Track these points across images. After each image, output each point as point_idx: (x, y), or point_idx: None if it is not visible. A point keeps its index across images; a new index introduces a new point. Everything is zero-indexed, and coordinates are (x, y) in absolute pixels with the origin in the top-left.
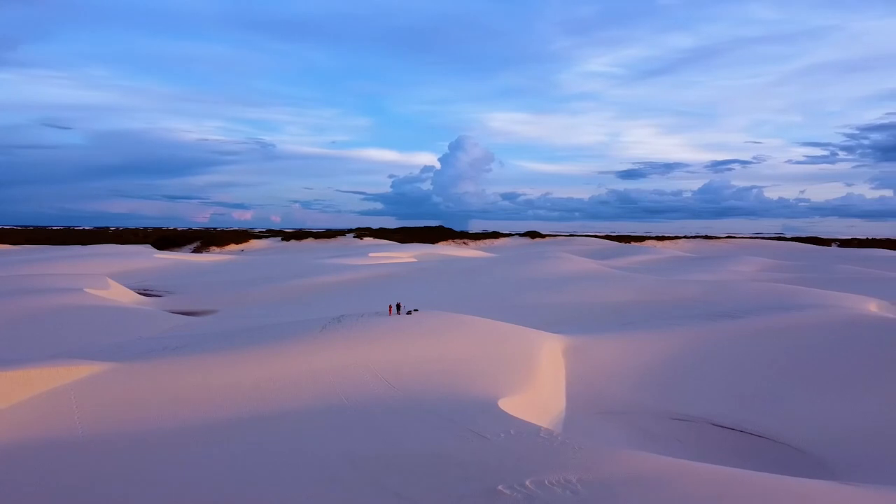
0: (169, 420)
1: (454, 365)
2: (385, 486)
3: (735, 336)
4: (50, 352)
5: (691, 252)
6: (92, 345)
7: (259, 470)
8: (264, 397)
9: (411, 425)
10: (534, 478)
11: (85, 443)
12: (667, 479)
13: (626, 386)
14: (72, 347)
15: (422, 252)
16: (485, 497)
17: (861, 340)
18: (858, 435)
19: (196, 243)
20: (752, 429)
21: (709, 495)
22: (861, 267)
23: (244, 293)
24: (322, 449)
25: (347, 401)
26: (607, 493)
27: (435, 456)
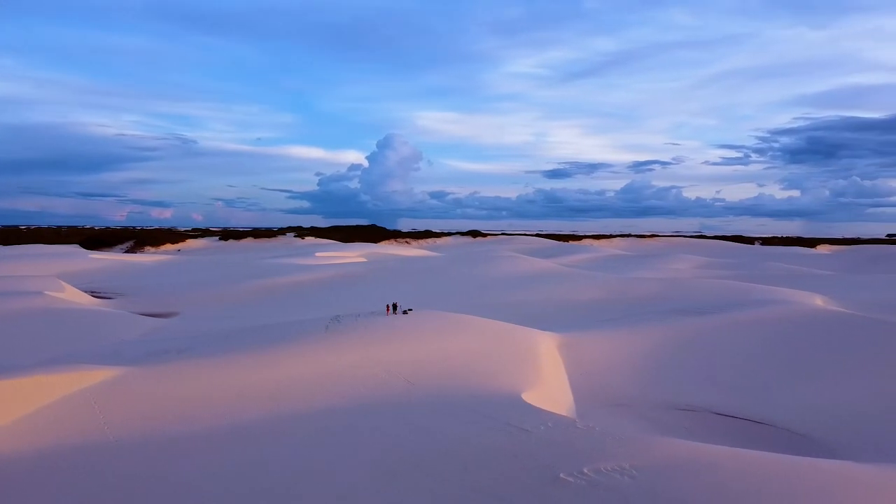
0: (200, 422)
1: (466, 362)
2: (448, 478)
3: (714, 330)
4: (35, 357)
5: (628, 250)
6: (81, 349)
7: (315, 466)
8: (290, 397)
9: (450, 421)
10: (590, 466)
11: (118, 447)
12: (713, 463)
13: (624, 379)
14: (57, 352)
15: (367, 251)
16: (550, 485)
17: (828, 333)
18: (850, 418)
19: (128, 243)
20: (752, 416)
21: (757, 476)
22: (786, 264)
23: (202, 294)
24: (371, 446)
25: (376, 399)
26: (662, 476)
27: (486, 449)
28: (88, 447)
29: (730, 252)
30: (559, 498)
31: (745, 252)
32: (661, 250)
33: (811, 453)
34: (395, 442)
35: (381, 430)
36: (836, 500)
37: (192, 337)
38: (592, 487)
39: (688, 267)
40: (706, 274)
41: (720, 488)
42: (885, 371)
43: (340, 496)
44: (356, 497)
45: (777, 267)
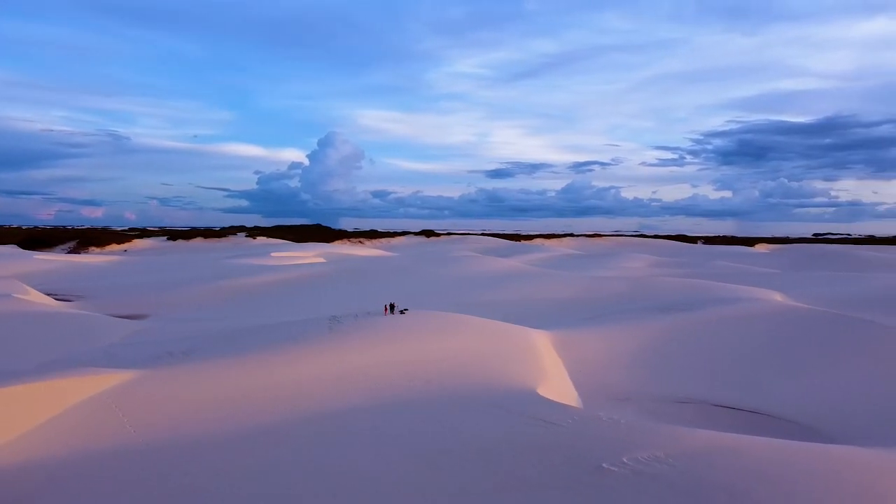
0: (224, 422)
1: (473, 360)
2: (495, 471)
3: (699, 326)
4: (33, 361)
5: (579, 250)
6: (73, 353)
7: (364, 458)
8: (309, 397)
9: (479, 418)
10: (628, 455)
11: (149, 449)
12: (738, 449)
13: (622, 374)
14: (52, 356)
15: (322, 252)
16: (596, 474)
17: (807, 328)
18: (837, 407)
19: (70, 243)
20: (748, 407)
21: (780, 461)
22: (732, 262)
23: (171, 295)
24: (408, 444)
25: (397, 398)
26: (696, 463)
27: (523, 443)
28: (121, 450)
29: (676, 251)
30: (608, 486)
31: (690, 251)
32: (612, 249)
33: (809, 440)
34: (430, 440)
35: (413, 428)
36: (850, 480)
37: (188, 339)
38: (636, 475)
39: (641, 265)
40: (661, 272)
41: (758, 473)
42: (864, 363)
43: (392, 492)
44: (410, 493)
45: (725, 265)
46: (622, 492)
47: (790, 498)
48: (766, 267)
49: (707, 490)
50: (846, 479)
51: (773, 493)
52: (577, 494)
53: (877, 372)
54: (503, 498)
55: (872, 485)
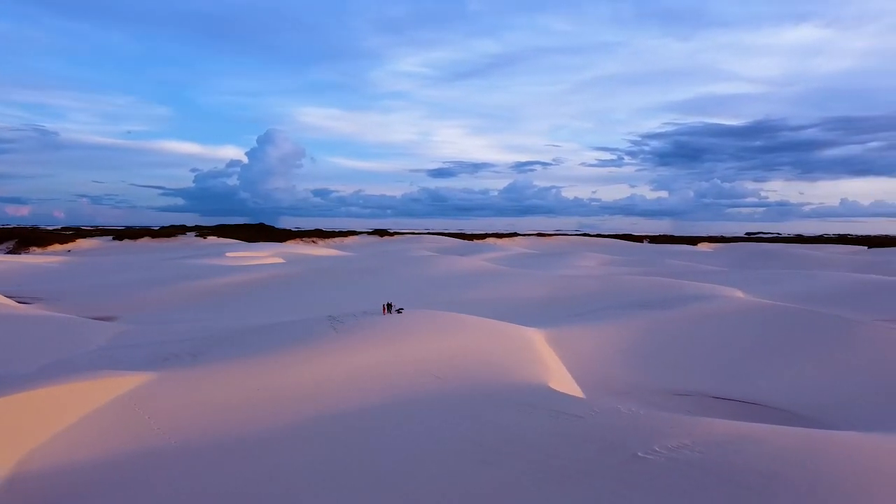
0: (251, 422)
1: (479, 357)
2: (534, 462)
3: (680, 322)
4: (30, 364)
5: (533, 249)
6: (67, 356)
7: (402, 455)
8: (333, 394)
9: (505, 412)
10: (658, 444)
11: (180, 451)
12: (757, 437)
13: (617, 369)
14: (48, 359)
15: (277, 251)
16: (633, 463)
17: (783, 323)
18: (825, 396)
19: (9, 243)
20: (743, 398)
21: (799, 447)
22: (681, 261)
23: (133, 297)
24: (445, 438)
25: (419, 394)
26: (725, 450)
27: (554, 435)
28: (151, 452)
29: (626, 250)
30: (648, 472)
31: (639, 250)
32: (563, 249)
33: (808, 427)
34: (464, 435)
35: (444, 424)
36: (858, 463)
37: (186, 341)
38: (672, 462)
39: (596, 264)
40: (619, 270)
41: (784, 458)
42: (841, 355)
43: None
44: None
45: (676, 264)
46: (663, 477)
47: (820, 479)
48: (712, 265)
49: (741, 474)
50: (864, 463)
51: (803, 476)
52: (621, 482)
53: (854, 362)
54: (550, 488)
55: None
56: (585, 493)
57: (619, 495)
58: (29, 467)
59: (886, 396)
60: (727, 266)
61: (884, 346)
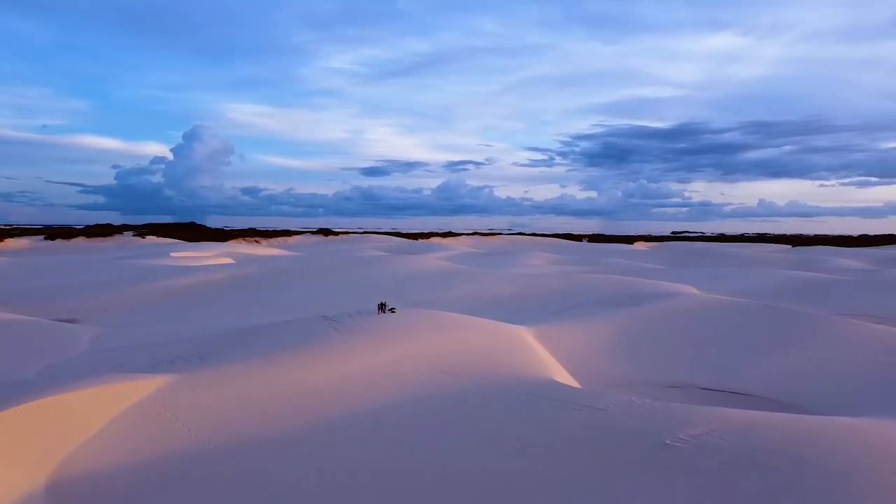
0: (279, 421)
1: (482, 354)
2: (572, 452)
3: (655, 319)
4: (27, 369)
5: (479, 248)
6: (62, 360)
7: (442, 451)
8: (354, 392)
9: (527, 406)
10: (682, 432)
11: (219, 451)
12: (769, 423)
13: (607, 364)
14: (44, 363)
15: (223, 251)
16: (663, 450)
17: (745, 318)
18: (802, 385)
19: None
20: (730, 388)
21: (809, 432)
22: (623, 259)
23: (91, 299)
24: (479, 432)
25: (440, 390)
26: (744, 436)
27: (579, 427)
28: (191, 453)
29: (568, 249)
30: (682, 458)
31: (580, 249)
32: (508, 248)
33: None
34: (498, 429)
35: (474, 417)
36: (864, 444)
37: (188, 342)
38: (700, 448)
39: (544, 262)
40: (572, 269)
41: (804, 441)
42: (811, 347)
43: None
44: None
45: (620, 262)
46: (695, 462)
47: (836, 459)
48: (653, 263)
49: (766, 456)
50: (869, 444)
51: (820, 457)
52: (659, 468)
53: (825, 355)
54: (595, 476)
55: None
56: (629, 479)
57: (660, 480)
58: (68, 472)
59: (859, 384)
60: (667, 264)
61: (846, 339)
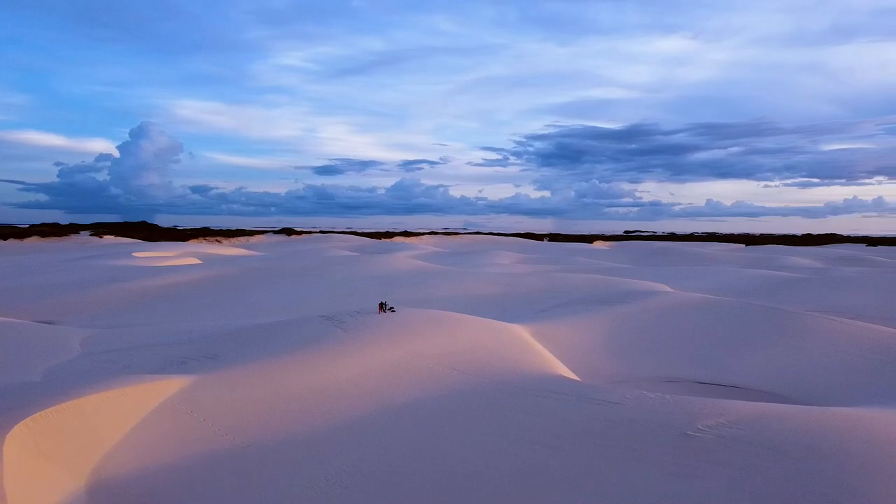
0: (309, 419)
1: (488, 351)
2: (599, 446)
3: (642, 316)
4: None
5: (444, 247)
6: (62, 362)
7: (472, 443)
8: (372, 391)
9: (546, 402)
10: (700, 423)
11: (250, 451)
12: (778, 414)
13: (604, 361)
14: (39, 366)
15: (186, 251)
16: (686, 440)
17: (727, 315)
18: (792, 378)
19: None
20: (725, 382)
21: (817, 421)
22: (587, 258)
23: (64, 301)
24: (505, 426)
25: (456, 388)
26: (758, 426)
27: (600, 420)
28: (223, 452)
29: (532, 248)
30: (702, 448)
31: (544, 248)
32: (475, 247)
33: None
34: (520, 423)
35: (496, 414)
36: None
37: (191, 343)
38: (720, 438)
39: (511, 262)
40: (544, 268)
41: (819, 430)
42: (794, 342)
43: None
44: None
45: (585, 261)
46: (718, 451)
47: (846, 447)
48: (618, 262)
49: (785, 446)
50: (870, 432)
51: (832, 444)
52: (685, 458)
53: (808, 349)
54: (624, 467)
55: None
56: (659, 468)
57: (688, 467)
58: (107, 473)
59: (844, 377)
60: (630, 263)
61: (825, 334)
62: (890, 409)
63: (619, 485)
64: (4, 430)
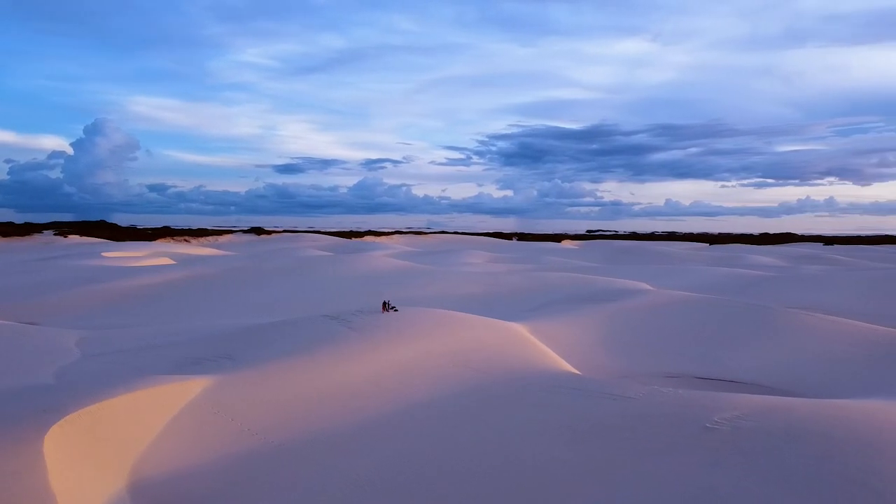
0: (337, 417)
1: (497, 349)
2: (623, 439)
3: (632, 313)
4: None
5: (416, 247)
6: (69, 363)
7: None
8: (396, 388)
9: (565, 397)
10: (717, 416)
11: (285, 450)
12: (787, 407)
13: (603, 357)
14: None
15: (155, 251)
16: (706, 432)
17: (713, 312)
18: (786, 371)
19: None
20: (721, 376)
21: (824, 412)
22: (559, 257)
23: (43, 301)
24: (529, 422)
25: (471, 385)
26: (772, 417)
27: (619, 415)
28: (260, 454)
29: (502, 247)
30: (725, 440)
31: (514, 247)
32: (445, 246)
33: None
34: (543, 419)
35: (519, 410)
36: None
37: (199, 343)
38: (739, 430)
39: (484, 261)
40: (520, 267)
41: (826, 421)
42: (782, 337)
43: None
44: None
45: (557, 260)
46: (741, 442)
47: (858, 435)
48: (588, 261)
49: (805, 434)
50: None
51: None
52: (707, 448)
53: (795, 344)
54: (655, 459)
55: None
56: (682, 459)
57: (711, 458)
58: (145, 474)
59: (834, 370)
60: (601, 262)
61: (807, 329)
62: (887, 400)
63: (656, 475)
64: (41, 431)
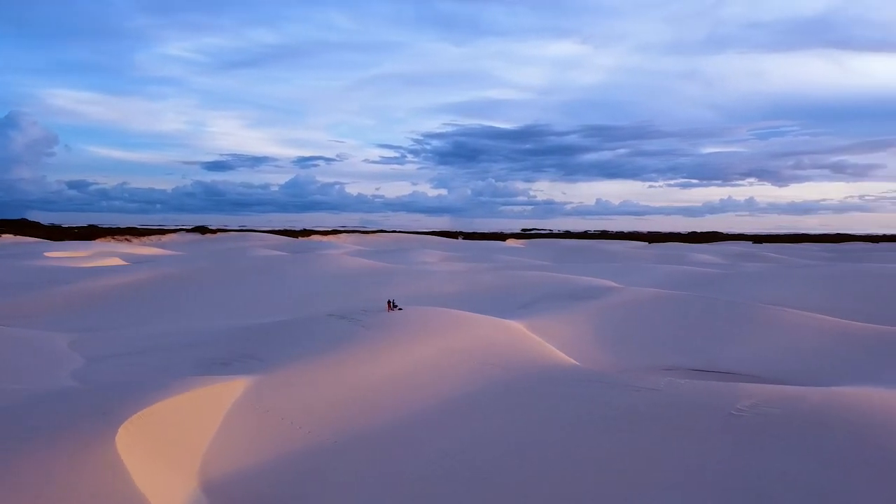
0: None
1: (508, 346)
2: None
3: (620, 309)
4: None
5: (367, 246)
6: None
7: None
8: (429, 384)
9: (586, 390)
10: (739, 403)
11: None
12: (796, 395)
13: (600, 352)
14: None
15: (100, 251)
16: (732, 419)
17: (697, 308)
18: (776, 363)
19: None
20: (716, 368)
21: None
22: (511, 256)
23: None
24: (567, 413)
25: (501, 381)
26: (790, 405)
27: (648, 405)
28: (318, 450)
29: (451, 246)
30: (752, 426)
31: (463, 246)
32: (396, 245)
33: None
34: (581, 411)
35: (553, 402)
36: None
37: (212, 344)
38: (762, 416)
39: (439, 259)
40: (479, 266)
41: (836, 407)
42: (760, 331)
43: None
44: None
45: (510, 259)
46: (768, 427)
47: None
48: (540, 259)
49: (827, 419)
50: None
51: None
52: (737, 433)
53: (775, 336)
54: (687, 446)
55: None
56: (714, 443)
57: (743, 442)
58: (213, 474)
59: (819, 360)
60: (552, 260)
61: (784, 323)
62: (878, 388)
63: (692, 460)
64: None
